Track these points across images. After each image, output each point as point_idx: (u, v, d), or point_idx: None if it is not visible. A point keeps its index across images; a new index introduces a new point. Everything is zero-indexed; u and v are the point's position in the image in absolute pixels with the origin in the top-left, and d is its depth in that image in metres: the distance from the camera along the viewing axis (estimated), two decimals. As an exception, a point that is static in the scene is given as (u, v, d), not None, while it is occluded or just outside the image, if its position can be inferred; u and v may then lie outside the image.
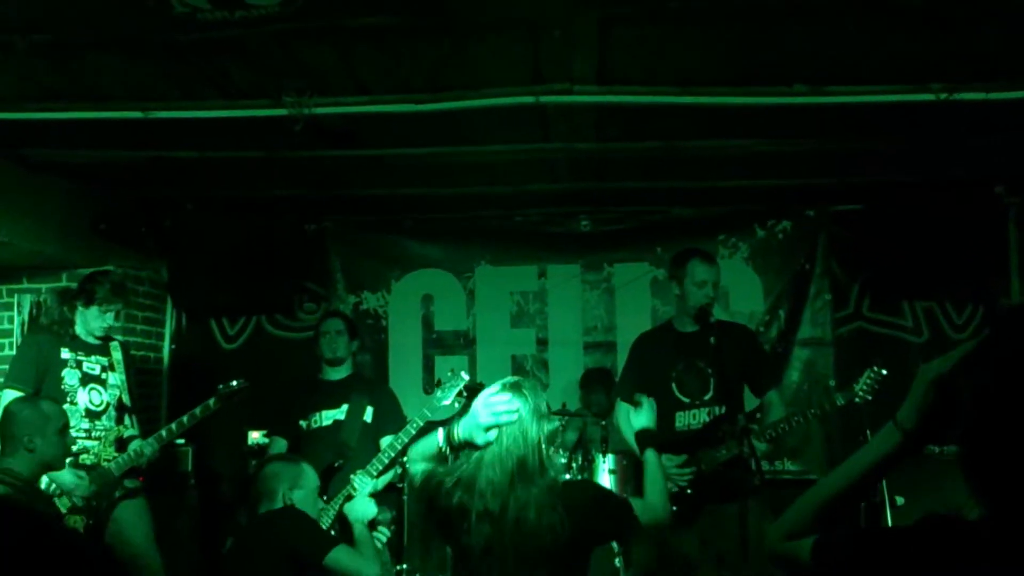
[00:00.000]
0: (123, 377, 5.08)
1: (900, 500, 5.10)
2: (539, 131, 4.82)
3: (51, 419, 3.83)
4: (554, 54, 3.82)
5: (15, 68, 3.88)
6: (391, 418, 5.08)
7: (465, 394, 4.68)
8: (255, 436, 6.05)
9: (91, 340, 4.99)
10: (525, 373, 6.66)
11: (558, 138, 4.91)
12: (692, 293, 4.49)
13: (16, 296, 6.30)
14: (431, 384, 6.60)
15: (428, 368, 6.77)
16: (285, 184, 5.94)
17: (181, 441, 6.11)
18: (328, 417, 5.04)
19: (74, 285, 5.99)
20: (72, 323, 4.97)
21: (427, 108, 4.26)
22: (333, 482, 4.77)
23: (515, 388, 2.90)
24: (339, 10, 3.38)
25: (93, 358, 4.98)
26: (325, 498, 4.69)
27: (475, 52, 3.81)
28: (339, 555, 3.60)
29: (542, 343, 6.74)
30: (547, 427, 2.90)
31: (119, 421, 5.03)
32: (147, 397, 6.51)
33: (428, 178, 5.82)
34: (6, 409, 4.02)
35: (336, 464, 4.82)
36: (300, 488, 3.81)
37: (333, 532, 4.44)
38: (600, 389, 6.13)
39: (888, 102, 4.22)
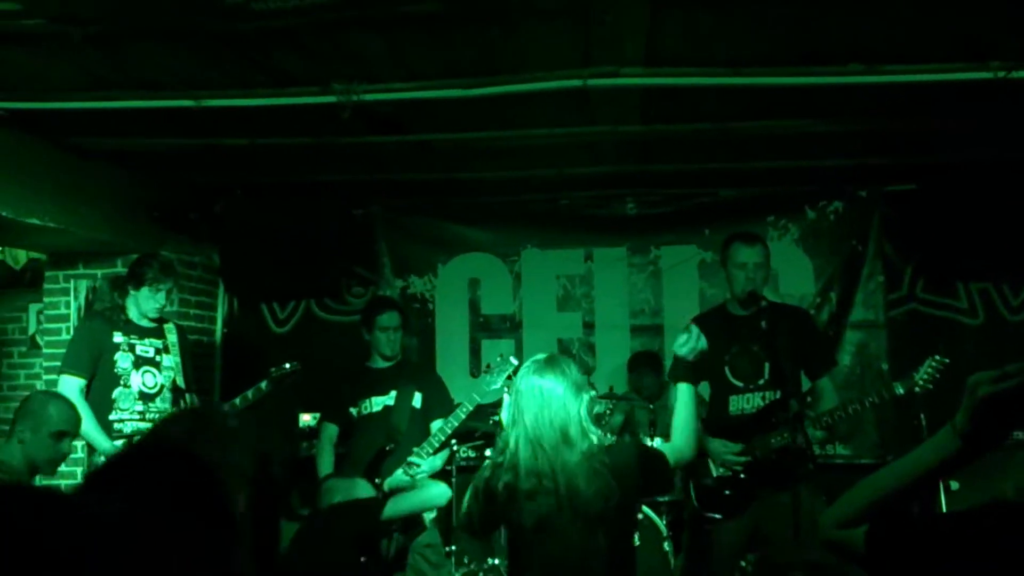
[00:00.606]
0: (178, 359, 5.15)
1: (955, 485, 5.04)
2: (586, 114, 4.79)
3: (50, 420, 3.75)
4: (604, 38, 3.79)
5: (70, 58, 3.95)
6: (440, 402, 5.13)
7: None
8: (306, 419, 6.13)
9: (144, 323, 5.06)
10: (572, 356, 6.67)
11: (605, 121, 4.88)
12: (736, 276, 4.44)
13: (72, 282, 6.42)
14: (478, 368, 6.63)
15: (475, 352, 6.79)
16: (333, 169, 5.97)
17: (234, 424, 6.20)
18: (378, 403, 5.09)
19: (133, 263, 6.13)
20: (124, 308, 5.05)
21: (474, 93, 4.26)
22: (386, 464, 4.84)
23: (551, 363, 3.00)
24: (389, -3, 3.38)
25: (147, 341, 5.04)
26: (378, 480, 4.78)
27: (524, 37, 3.80)
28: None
29: (588, 326, 6.73)
30: (585, 397, 2.98)
31: (175, 403, 5.10)
32: (200, 380, 6.62)
33: (474, 162, 5.82)
34: (29, 395, 4.09)
35: (388, 448, 4.87)
36: None
37: None
38: (649, 372, 6.12)
39: (944, 80, 4.14)
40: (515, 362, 4.71)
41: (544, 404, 2.93)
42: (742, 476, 4.36)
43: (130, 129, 4.98)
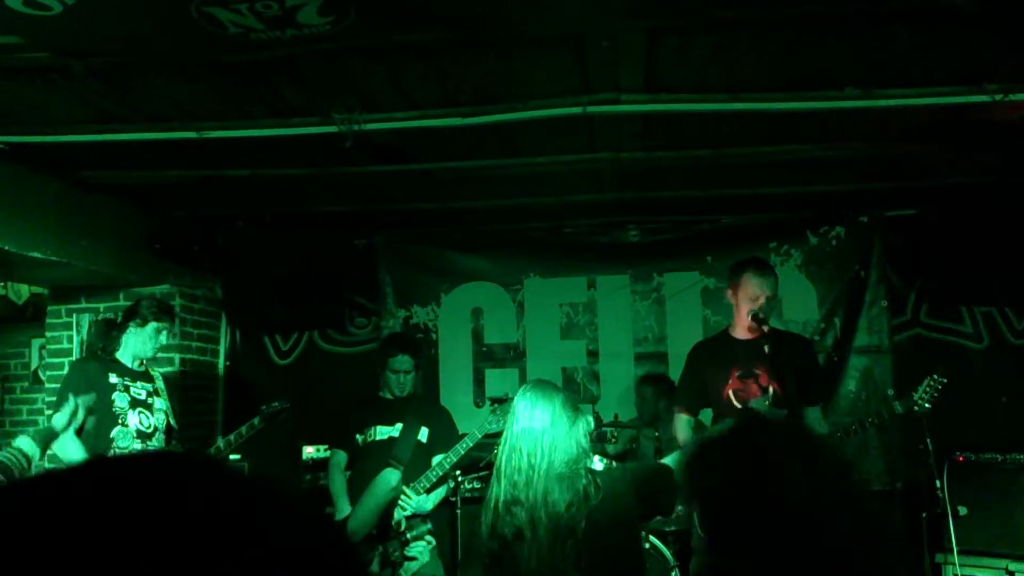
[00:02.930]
0: (167, 403, 5.17)
1: (963, 510, 4.99)
2: (586, 141, 4.82)
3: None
4: (602, 65, 3.82)
5: (72, 91, 3.97)
6: (446, 437, 5.11)
7: None
8: (309, 451, 6.10)
9: (134, 366, 5.05)
10: (575, 385, 6.65)
11: (605, 148, 4.91)
12: (746, 305, 4.44)
13: (75, 316, 6.43)
14: (481, 397, 6.60)
15: (478, 381, 6.77)
16: (334, 200, 5.99)
17: (236, 457, 6.18)
18: (383, 432, 5.07)
19: (131, 303, 6.13)
20: (116, 350, 5.04)
21: (475, 121, 4.29)
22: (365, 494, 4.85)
23: (544, 391, 3.04)
24: (388, 28, 3.41)
25: (139, 383, 5.04)
26: None
27: (522, 64, 3.83)
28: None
29: (592, 355, 6.71)
30: (581, 422, 3.02)
31: (167, 443, 5.11)
32: (203, 413, 6.62)
33: (476, 191, 5.83)
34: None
35: None
36: None
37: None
38: (648, 387, 6.04)
39: (942, 104, 4.16)
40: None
41: (541, 434, 2.94)
42: None
43: (132, 161, 5.01)
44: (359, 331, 6.89)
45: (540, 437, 2.94)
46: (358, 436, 5.12)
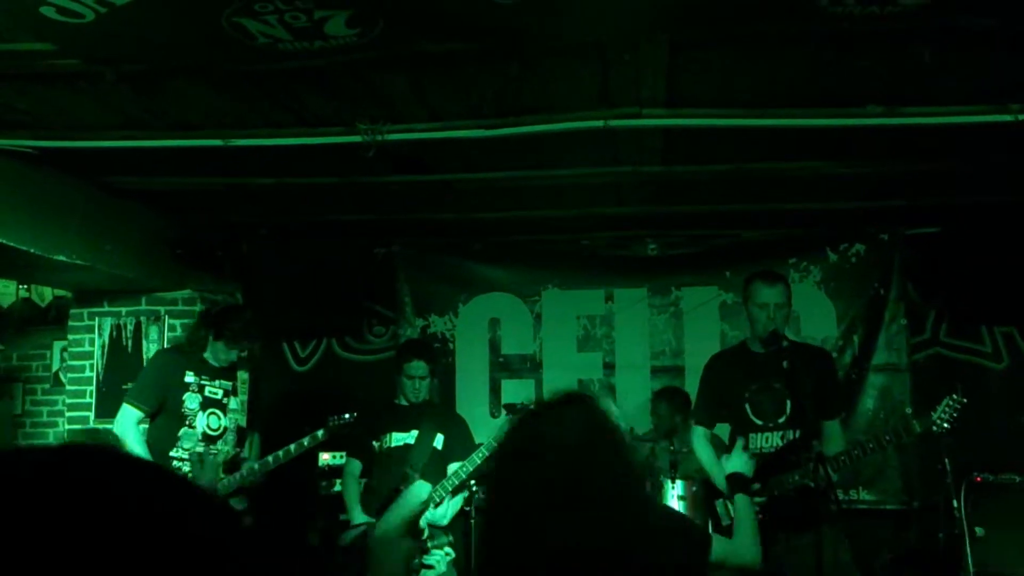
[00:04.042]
0: (245, 399, 5.19)
1: (980, 531, 4.96)
2: (607, 154, 4.83)
3: None
4: (623, 78, 3.84)
5: (103, 98, 4.03)
6: (461, 445, 5.13)
7: None
8: (326, 458, 6.13)
9: (217, 364, 5.07)
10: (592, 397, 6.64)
11: (626, 161, 4.92)
12: (757, 316, 4.43)
13: (97, 319, 6.50)
14: (497, 407, 6.62)
15: (495, 391, 6.79)
16: (356, 209, 6.04)
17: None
18: (398, 439, 5.10)
19: (156, 310, 6.19)
20: (203, 347, 5.07)
21: (496, 133, 4.31)
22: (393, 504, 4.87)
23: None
24: (413, 39, 3.44)
25: (217, 382, 5.05)
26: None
27: (544, 77, 3.85)
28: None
29: (609, 367, 6.72)
30: None
31: (239, 444, 5.16)
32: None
33: (496, 202, 5.86)
34: None
35: (401, 488, 4.89)
36: None
37: None
38: (663, 402, 6.03)
39: (965, 123, 4.15)
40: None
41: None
42: (759, 516, 4.31)
43: (159, 168, 5.06)
44: (377, 339, 6.92)
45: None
46: (374, 443, 5.14)
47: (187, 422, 4.91)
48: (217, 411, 5.03)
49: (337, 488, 5.58)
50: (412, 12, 3.19)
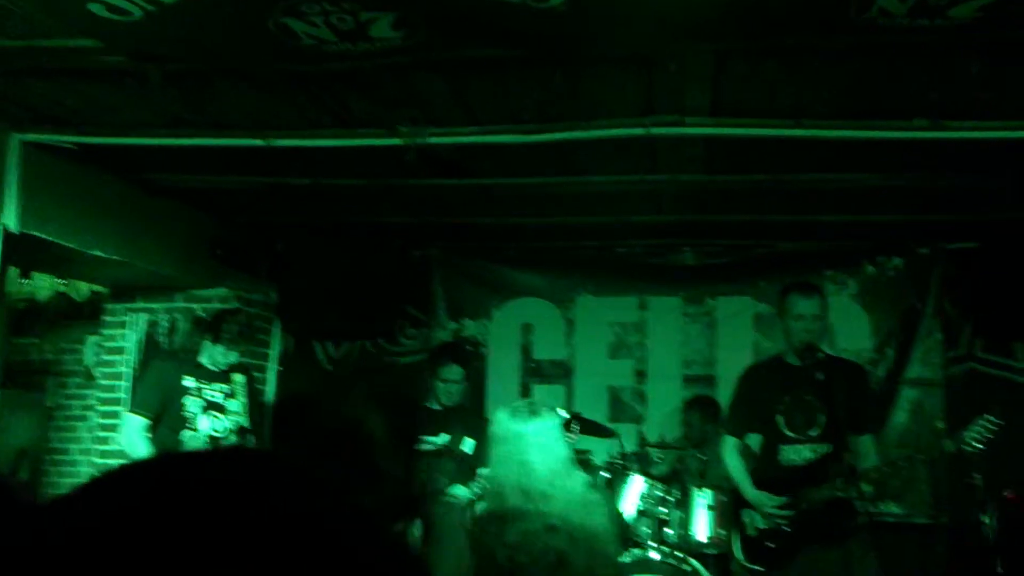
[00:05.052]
0: (245, 401, 5.22)
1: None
2: (646, 162, 4.81)
3: None
4: (667, 87, 3.82)
5: (146, 96, 4.06)
6: None
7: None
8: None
9: (214, 368, 5.13)
10: (622, 404, 6.63)
11: (666, 170, 4.90)
12: (792, 328, 4.40)
13: (131, 315, 6.55)
14: (528, 413, 6.60)
15: (526, 396, 6.76)
16: (392, 211, 6.05)
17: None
18: (429, 443, 5.10)
19: (191, 307, 6.22)
20: (198, 352, 5.11)
21: (537, 139, 4.30)
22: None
23: (531, 410, 3.18)
24: (457, 43, 3.44)
25: (216, 385, 5.10)
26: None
27: (587, 83, 3.85)
28: None
29: (640, 375, 6.68)
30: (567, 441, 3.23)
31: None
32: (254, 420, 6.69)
33: (533, 208, 5.85)
34: None
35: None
36: None
37: None
38: (696, 412, 5.99)
39: (1010, 138, 4.10)
40: (565, 414, 4.66)
41: (529, 449, 3.04)
42: (786, 529, 4.28)
43: (199, 167, 5.10)
44: (409, 341, 6.92)
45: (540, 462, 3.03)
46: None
47: (189, 425, 4.95)
48: (218, 414, 5.06)
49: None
50: (456, 17, 3.20)
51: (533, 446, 3.05)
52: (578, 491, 3.00)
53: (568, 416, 4.81)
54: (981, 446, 4.15)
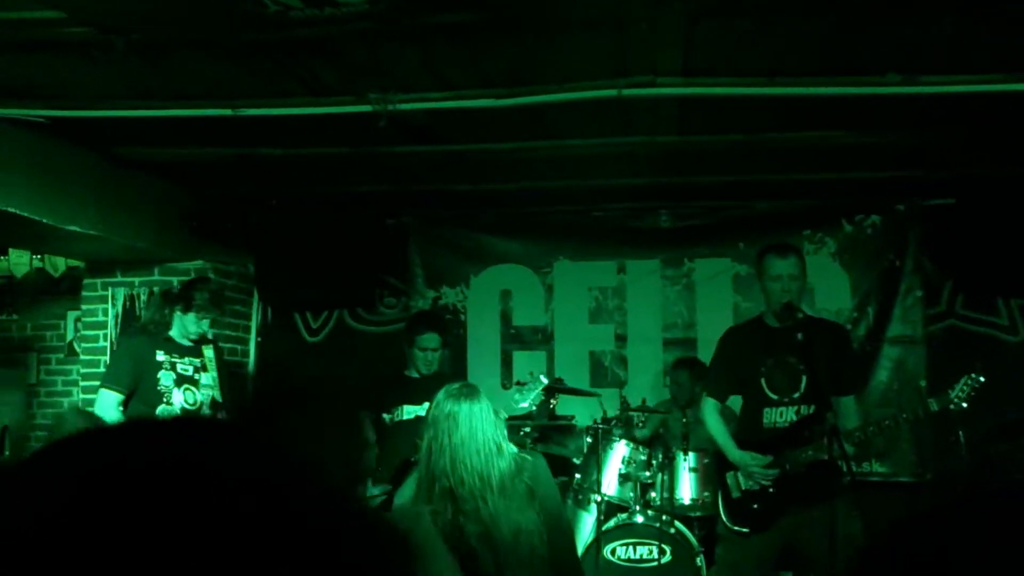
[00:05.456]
0: (215, 375, 5.20)
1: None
2: (620, 125, 4.78)
3: None
4: (639, 48, 3.79)
5: (112, 67, 3.99)
6: None
7: (543, 396, 4.68)
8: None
9: (185, 342, 5.09)
10: (603, 369, 6.65)
11: (640, 132, 4.87)
12: (771, 289, 4.39)
13: (110, 289, 6.51)
14: (509, 379, 6.61)
15: (506, 363, 6.78)
16: (367, 180, 6.01)
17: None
18: (410, 412, 5.09)
19: (169, 280, 6.19)
20: (169, 326, 5.09)
21: (508, 103, 4.27)
22: (410, 474, 4.83)
23: (469, 390, 3.41)
24: (424, 8, 3.40)
25: (187, 359, 5.08)
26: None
27: (558, 47, 3.81)
28: None
29: (621, 339, 6.69)
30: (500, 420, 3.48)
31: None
32: (234, 390, 6.67)
33: (508, 173, 5.82)
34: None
35: (412, 460, 4.86)
36: None
37: None
38: (685, 371, 5.98)
39: (985, 92, 4.09)
40: (544, 380, 4.66)
41: (472, 427, 3.22)
42: (771, 490, 4.31)
43: (169, 138, 5.05)
44: (388, 311, 6.91)
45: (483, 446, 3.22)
46: (385, 416, 5.14)
47: (164, 399, 4.94)
48: (191, 387, 5.05)
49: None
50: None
51: (463, 426, 3.21)
52: (505, 470, 3.20)
53: (549, 381, 4.82)
54: (965, 404, 4.18)
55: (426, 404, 5.06)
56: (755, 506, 4.36)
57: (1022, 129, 4.71)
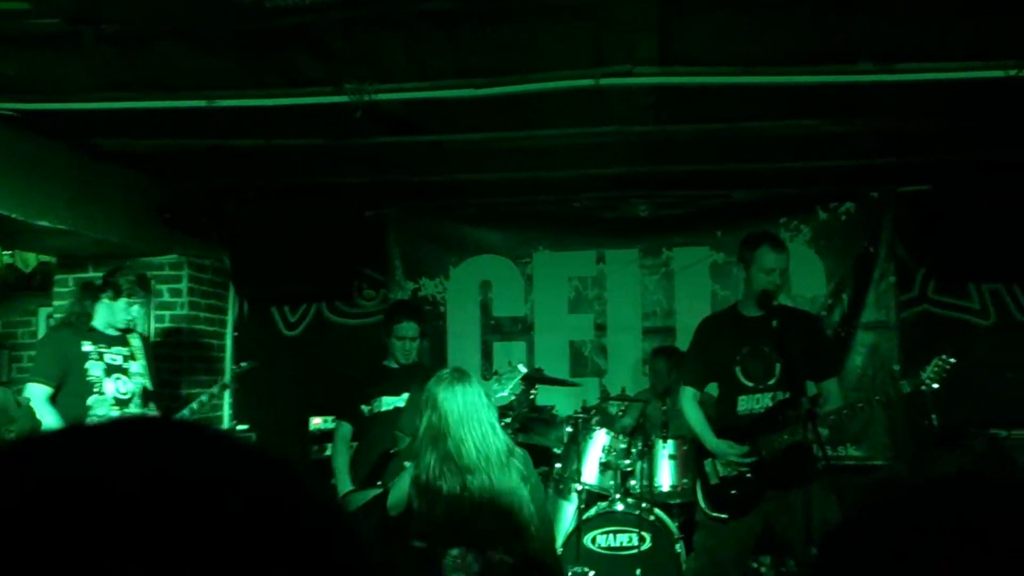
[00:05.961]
0: (145, 364, 5.17)
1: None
2: (598, 115, 4.79)
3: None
4: (616, 37, 3.79)
5: (83, 59, 3.95)
6: None
7: (523, 385, 4.70)
8: (317, 422, 6.11)
9: (110, 332, 5.04)
10: (583, 359, 6.66)
11: (617, 121, 4.88)
12: (758, 279, 4.42)
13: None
14: (489, 370, 6.59)
15: (486, 354, 6.78)
16: (345, 171, 5.98)
17: (244, 427, 6.23)
18: (388, 403, 5.07)
19: (142, 274, 6.12)
20: (91, 317, 5.03)
21: (487, 92, 4.26)
22: (391, 466, 4.81)
23: (462, 376, 3.50)
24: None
25: (114, 349, 5.03)
26: (380, 483, 4.74)
27: (537, 35, 3.81)
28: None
29: (600, 328, 6.71)
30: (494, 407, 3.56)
31: (144, 407, 5.14)
32: (210, 383, 6.62)
33: (486, 163, 5.82)
34: None
35: (392, 451, 4.85)
36: None
37: None
38: (663, 359, 6.00)
39: (958, 79, 4.12)
40: (523, 369, 4.65)
41: (466, 412, 3.32)
42: (748, 476, 4.35)
43: (142, 130, 5.00)
44: (367, 303, 6.89)
45: (475, 424, 3.34)
46: (364, 407, 5.11)
47: (95, 389, 4.90)
48: (122, 376, 5.02)
49: (328, 452, 5.56)
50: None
51: (460, 406, 3.30)
52: (503, 450, 3.30)
53: (528, 371, 4.83)
54: (936, 385, 4.22)
55: (405, 395, 5.06)
56: (733, 492, 4.40)
57: (995, 116, 4.75)
